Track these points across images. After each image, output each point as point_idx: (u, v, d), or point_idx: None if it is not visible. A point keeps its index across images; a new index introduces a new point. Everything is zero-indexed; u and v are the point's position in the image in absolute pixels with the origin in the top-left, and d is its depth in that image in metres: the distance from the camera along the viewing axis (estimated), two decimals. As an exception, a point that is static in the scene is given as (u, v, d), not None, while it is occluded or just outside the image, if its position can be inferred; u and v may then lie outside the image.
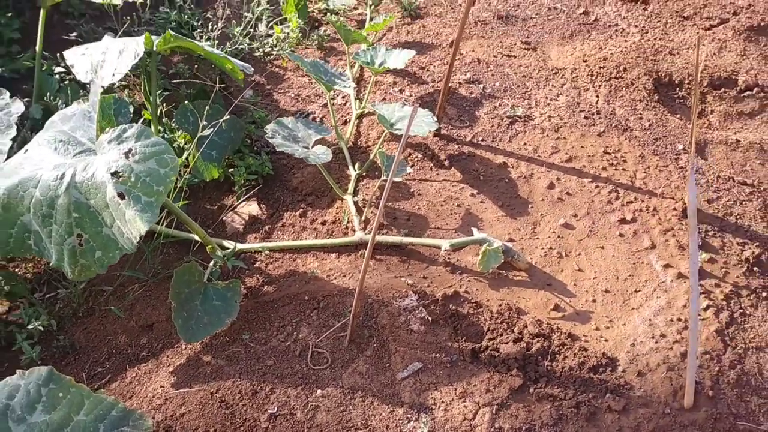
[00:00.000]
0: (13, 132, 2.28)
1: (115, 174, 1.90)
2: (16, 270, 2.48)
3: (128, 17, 3.13)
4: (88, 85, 2.47)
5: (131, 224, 1.89)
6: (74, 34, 3.17)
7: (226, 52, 3.15)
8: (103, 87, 2.38)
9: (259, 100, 2.90)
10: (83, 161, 1.97)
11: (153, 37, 2.54)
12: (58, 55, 3.05)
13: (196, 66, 3.06)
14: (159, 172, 1.93)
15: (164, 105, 2.95)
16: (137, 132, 1.96)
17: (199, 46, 2.52)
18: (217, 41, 3.18)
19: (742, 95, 3.01)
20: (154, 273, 2.41)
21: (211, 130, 2.43)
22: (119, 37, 3.00)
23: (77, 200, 1.92)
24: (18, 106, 2.36)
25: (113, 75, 2.41)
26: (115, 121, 2.56)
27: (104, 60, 2.46)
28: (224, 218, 2.62)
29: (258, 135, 2.81)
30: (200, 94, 2.89)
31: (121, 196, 1.89)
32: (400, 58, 2.82)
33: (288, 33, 3.24)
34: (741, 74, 3.05)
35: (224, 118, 2.47)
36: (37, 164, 2.01)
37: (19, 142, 2.40)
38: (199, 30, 3.18)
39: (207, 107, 2.50)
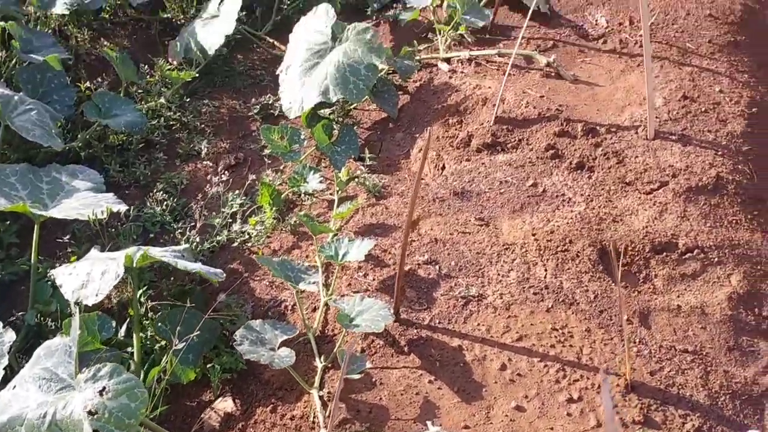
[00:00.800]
0: (5, 361, 2.54)
1: (90, 413, 2.13)
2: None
3: (112, 227, 3.46)
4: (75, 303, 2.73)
5: (105, 458, 2.10)
6: (67, 236, 3.47)
7: (204, 248, 3.44)
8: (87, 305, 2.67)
9: (233, 301, 3.15)
10: (63, 399, 2.21)
11: (133, 250, 2.83)
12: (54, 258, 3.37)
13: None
14: (130, 406, 2.16)
15: (148, 301, 3.22)
16: (110, 370, 2.21)
17: (174, 262, 2.81)
18: (197, 234, 3.49)
19: (683, 257, 3.23)
20: (136, 480, 2.60)
21: (185, 343, 2.67)
22: (107, 248, 3.32)
23: (58, 437, 2.15)
24: (10, 336, 2.62)
25: (96, 296, 2.69)
26: (99, 336, 2.82)
27: (88, 281, 2.75)
28: (202, 415, 2.83)
29: (233, 329, 3.04)
30: (179, 294, 3.16)
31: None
32: (360, 251, 3.11)
33: (264, 223, 3.54)
34: (681, 237, 3.28)
35: (195, 332, 2.72)
36: (23, 402, 2.25)
37: (9, 365, 2.64)
38: (179, 229, 3.49)
39: (179, 327, 2.76)
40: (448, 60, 4.37)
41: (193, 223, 3.55)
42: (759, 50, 4.41)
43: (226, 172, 3.87)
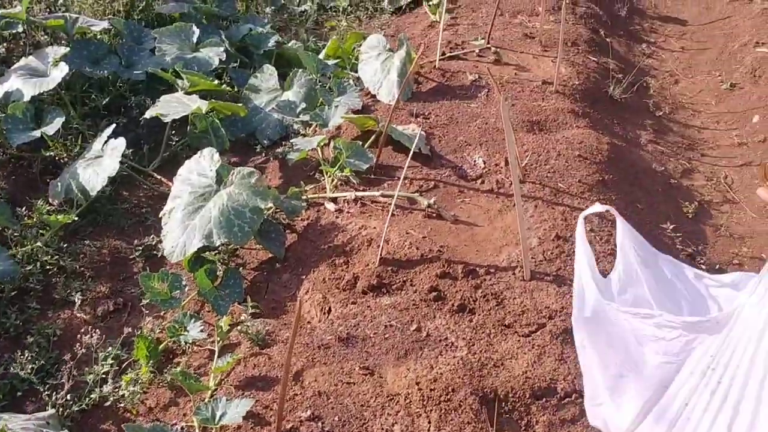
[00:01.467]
0: None
1: None
2: None
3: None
4: None
5: None
6: None
7: (73, 410, 3.27)
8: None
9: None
10: None
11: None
12: None
13: None
14: None
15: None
16: None
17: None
18: (68, 394, 3.31)
19: (562, 402, 3.29)
20: None
21: None
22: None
23: None
24: None
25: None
26: None
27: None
28: None
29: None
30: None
31: None
32: (238, 412, 3.02)
33: (139, 379, 3.40)
34: (560, 381, 3.35)
35: None
36: None
37: None
38: (47, 390, 3.31)
39: None
40: (334, 200, 4.45)
41: (63, 381, 3.37)
42: (625, 188, 4.72)
43: (102, 322, 3.73)
